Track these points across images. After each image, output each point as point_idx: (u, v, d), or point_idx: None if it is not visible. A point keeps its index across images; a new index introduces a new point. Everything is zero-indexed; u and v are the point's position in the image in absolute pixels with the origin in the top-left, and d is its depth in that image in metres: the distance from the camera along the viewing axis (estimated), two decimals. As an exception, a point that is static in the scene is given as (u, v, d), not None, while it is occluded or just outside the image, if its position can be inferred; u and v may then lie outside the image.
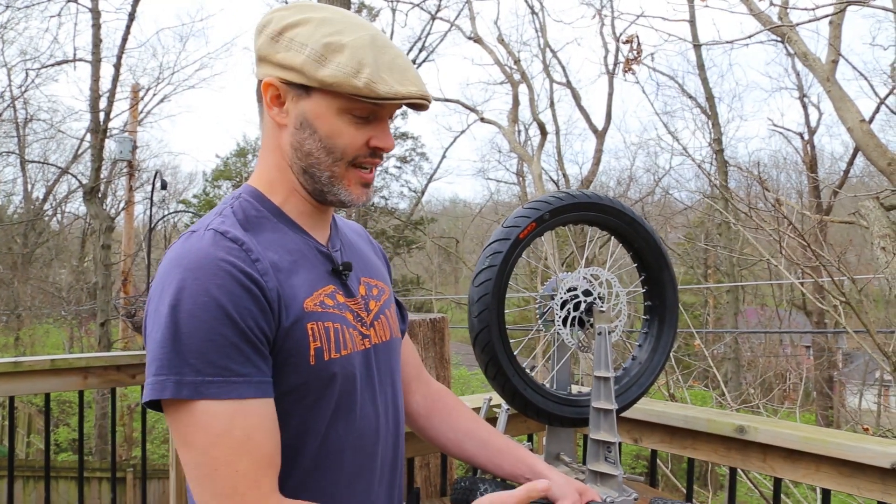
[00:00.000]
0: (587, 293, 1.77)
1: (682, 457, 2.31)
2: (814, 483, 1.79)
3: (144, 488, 3.15)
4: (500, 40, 13.08)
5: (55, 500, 6.88)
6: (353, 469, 1.00)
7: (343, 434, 0.99)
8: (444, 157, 22.46)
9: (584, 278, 1.78)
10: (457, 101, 14.94)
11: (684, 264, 17.00)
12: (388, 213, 18.35)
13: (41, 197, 17.52)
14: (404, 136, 18.98)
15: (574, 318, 1.75)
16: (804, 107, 15.61)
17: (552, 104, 14.72)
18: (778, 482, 1.88)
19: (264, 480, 0.89)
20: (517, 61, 12.79)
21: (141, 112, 13.78)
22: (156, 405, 0.90)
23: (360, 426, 1.00)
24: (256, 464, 0.88)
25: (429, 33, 16.20)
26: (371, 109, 0.97)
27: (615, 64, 13.36)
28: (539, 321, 1.81)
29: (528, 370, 1.75)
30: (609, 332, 1.70)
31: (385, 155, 1.04)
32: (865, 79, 10.66)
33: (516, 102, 13.58)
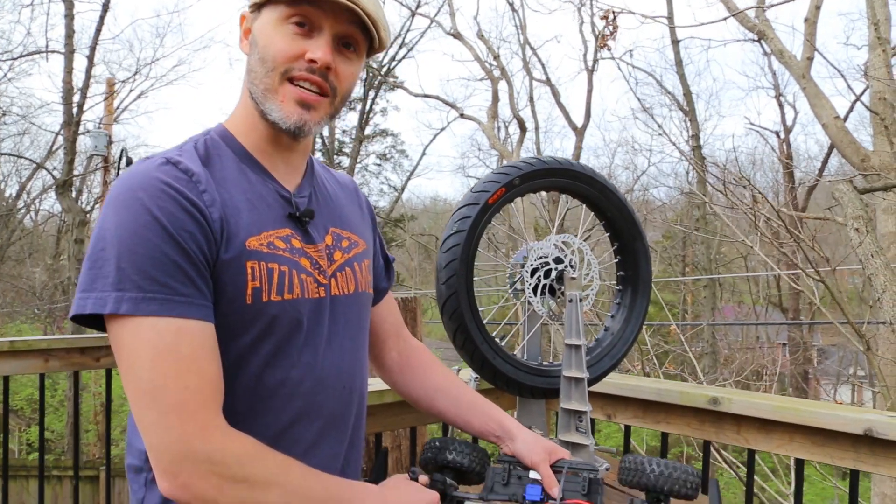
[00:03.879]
0: (558, 261, 1.73)
1: (656, 440, 2.28)
2: (787, 453, 1.77)
3: (109, 485, 3.06)
4: (480, 36, 13.07)
5: (27, 501, 6.72)
6: (291, 417, 0.96)
7: (281, 379, 0.94)
8: (423, 154, 22.41)
9: (555, 246, 1.75)
10: (436, 97, 14.90)
11: (663, 262, 17.11)
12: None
13: (14, 194, 17.21)
14: (384, 133, 18.92)
15: (544, 286, 1.71)
16: (780, 105, 15.77)
17: (532, 101, 14.75)
18: (752, 455, 1.86)
19: (212, 404, 0.85)
20: (496, 57, 12.79)
21: (117, 108, 13.59)
22: (92, 323, 0.87)
23: (301, 374, 0.96)
24: (205, 383, 0.85)
25: (409, 29, 16.15)
26: (309, 17, 0.95)
27: (594, 61, 13.41)
28: (510, 290, 1.77)
29: (497, 339, 1.71)
30: (580, 300, 1.66)
31: (335, 82, 0.97)
32: (842, 75, 10.78)
33: (496, 99, 13.57)
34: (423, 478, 1.08)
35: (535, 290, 1.71)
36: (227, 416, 0.90)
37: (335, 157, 18.44)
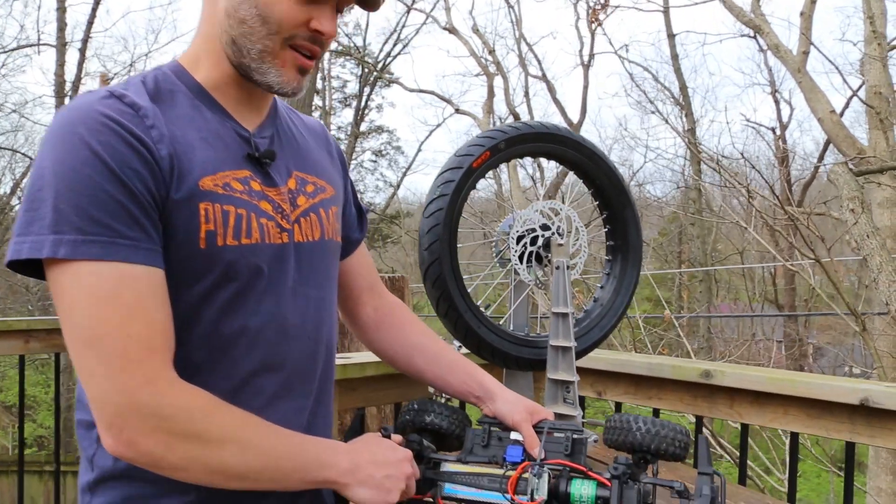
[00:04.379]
0: (545, 227, 1.67)
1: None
2: (782, 426, 1.72)
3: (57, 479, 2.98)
4: (475, 30, 13.01)
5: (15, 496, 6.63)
6: (252, 368, 0.90)
7: (240, 329, 0.89)
8: (419, 150, 22.34)
9: (542, 212, 1.69)
10: (432, 93, 14.84)
11: (658, 259, 17.07)
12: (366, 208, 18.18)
13: (8, 191, 17.11)
14: (379, 129, 18.85)
15: (531, 253, 1.66)
16: (776, 102, 15.76)
17: (527, 96, 14.70)
18: (745, 430, 1.80)
19: (160, 353, 0.79)
20: (492, 51, 12.73)
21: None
22: (31, 270, 0.81)
23: (263, 323, 0.90)
24: (151, 331, 0.79)
25: (404, 25, 16.08)
26: None
27: (590, 56, 13.35)
28: (495, 258, 1.72)
29: (482, 308, 1.66)
30: (568, 267, 1.61)
31: (326, 46, 0.94)
32: (837, 69, 10.74)
33: (491, 94, 13.51)
34: (397, 437, 1.03)
35: (521, 257, 1.66)
36: (181, 369, 0.84)
37: (330, 153, 18.38)
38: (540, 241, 1.66)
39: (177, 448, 0.79)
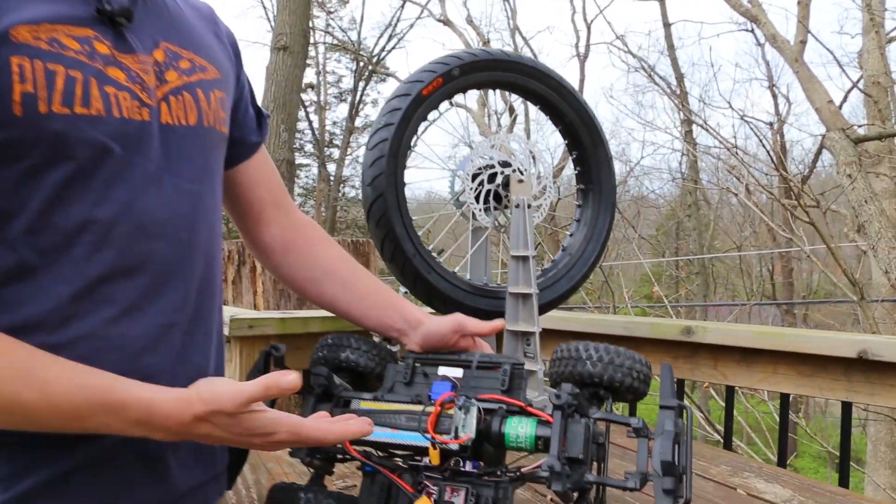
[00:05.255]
0: (505, 164, 1.50)
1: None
2: (771, 387, 1.54)
3: None
4: (469, 21, 12.85)
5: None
6: (101, 270, 0.72)
7: (81, 221, 0.70)
8: (415, 144, 22.13)
9: (503, 148, 1.52)
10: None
11: (656, 255, 16.88)
12: (359, 203, 18.03)
13: None
14: (374, 125, 18.64)
15: (488, 192, 1.48)
16: (774, 96, 15.59)
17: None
18: (730, 392, 1.63)
19: None
20: (486, 42, 12.56)
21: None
22: None
23: (113, 216, 0.72)
24: None
25: (399, 19, 15.91)
26: None
27: (587, 46, 13.18)
28: (451, 201, 1.54)
29: (435, 254, 1.48)
30: (528, 206, 1.43)
31: None
32: (835, 58, 10.59)
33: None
34: (294, 373, 0.84)
35: (478, 197, 1.48)
36: (6, 272, 0.67)
37: (326, 148, 18.20)
38: (499, 179, 1.48)
39: None
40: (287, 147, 7.38)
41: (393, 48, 16.40)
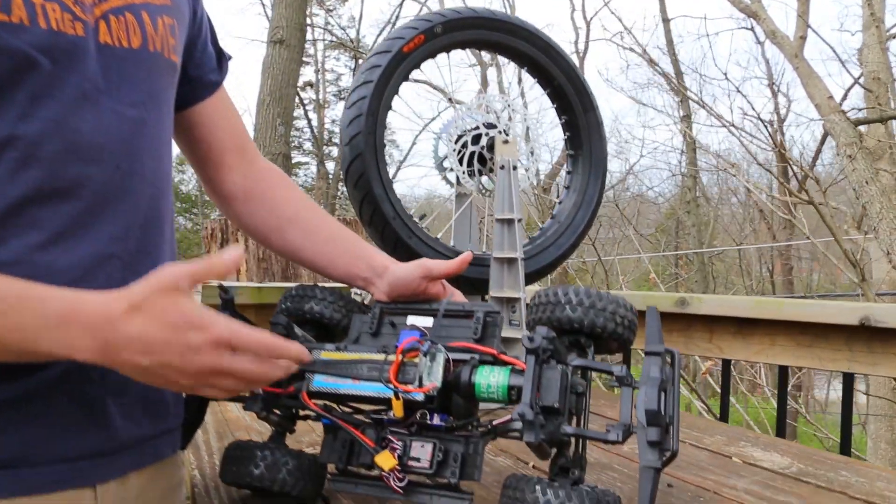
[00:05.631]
0: (490, 126, 1.43)
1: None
2: (769, 360, 1.47)
3: None
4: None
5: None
6: (26, 190, 0.65)
7: (4, 139, 0.64)
8: (414, 143, 22.10)
9: (488, 109, 1.45)
10: (426, 83, 14.60)
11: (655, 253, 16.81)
12: (356, 202, 17.88)
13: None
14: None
15: (472, 154, 1.42)
16: (774, 94, 15.52)
17: (520, 81, 14.44)
18: (727, 367, 1.56)
19: None
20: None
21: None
22: None
23: (39, 132, 0.66)
24: None
25: (398, 16, 15.86)
26: None
27: (586, 42, 13.12)
28: (434, 165, 1.47)
29: (416, 219, 1.41)
30: (514, 168, 1.37)
31: None
32: (835, 53, 10.54)
33: (485, 84, 13.31)
34: (238, 249, 0.76)
35: (462, 160, 1.42)
36: None
37: (325, 147, 18.14)
38: (483, 141, 1.42)
39: None
40: (283, 141, 7.32)
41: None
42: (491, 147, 1.42)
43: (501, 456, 1.10)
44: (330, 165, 17.48)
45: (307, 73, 17.09)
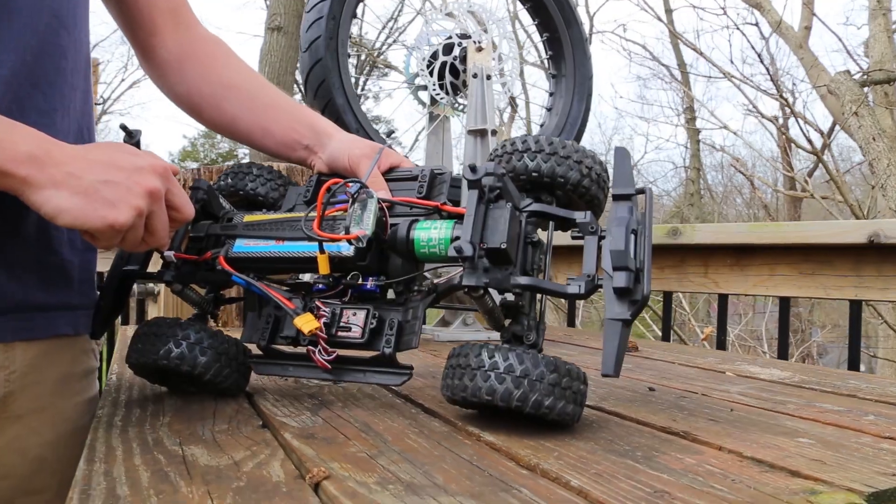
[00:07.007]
0: (464, 36, 1.32)
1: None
2: (768, 292, 1.36)
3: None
4: (469, 11, 12.70)
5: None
6: None
7: None
8: (416, 140, 22.04)
9: (461, 17, 1.35)
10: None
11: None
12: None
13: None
14: (377, 119, 18.55)
15: (443, 65, 1.31)
16: (778, 90, 15.36)
17: (521, 74, 14.35)
18: (723, 302, 1.45)
19: None
20: (485, 31, 12.41)
21: (108, 98, 13.40)
22: None
23: None
24: None
25: (400, 12, 15.78)
26: None
27: (589, 38, 13.02)
28: (405, 81, 1.36)
29: (385, 135, 1.31)
30: (488, 77, 1.26)
31: None
32: (840, 41, 10.41)
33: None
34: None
35: (433, 73, 1.31)
36: None
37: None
38: (456, 52, 1.31)
39: None
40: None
41: (394, 42, 16.24)
42: (464, 58, 1.31)
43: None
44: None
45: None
